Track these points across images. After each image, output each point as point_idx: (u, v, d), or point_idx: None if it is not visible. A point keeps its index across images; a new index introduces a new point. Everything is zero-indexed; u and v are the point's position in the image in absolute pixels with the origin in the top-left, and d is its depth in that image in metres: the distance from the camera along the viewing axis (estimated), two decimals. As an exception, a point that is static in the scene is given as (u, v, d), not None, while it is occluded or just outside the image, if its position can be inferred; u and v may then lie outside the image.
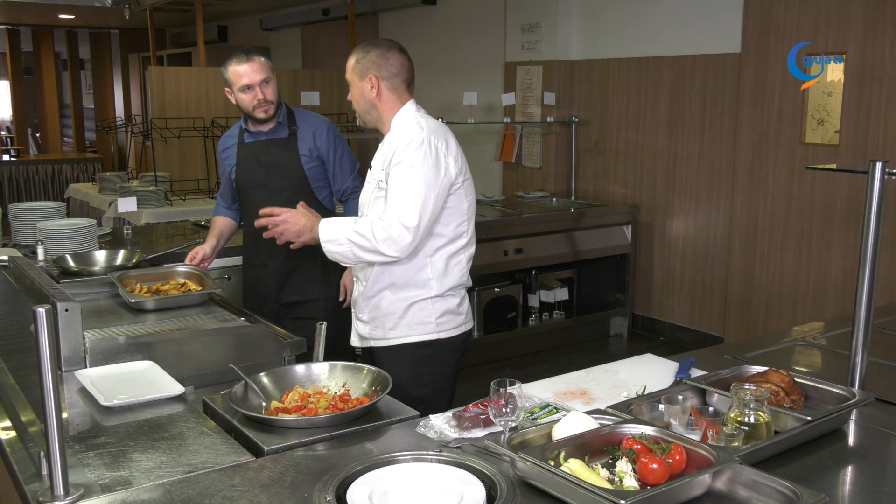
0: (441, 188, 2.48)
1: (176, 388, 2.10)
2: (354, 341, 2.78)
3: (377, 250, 2.44)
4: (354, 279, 2.77)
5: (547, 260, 5.57)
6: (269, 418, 1.90)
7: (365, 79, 2.57)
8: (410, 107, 2.62)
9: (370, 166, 2.72)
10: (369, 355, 2.73)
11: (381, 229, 2.43)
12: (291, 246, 2.62)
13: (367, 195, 2.68)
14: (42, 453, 1.61)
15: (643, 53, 5.90)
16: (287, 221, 2.57)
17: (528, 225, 5.48)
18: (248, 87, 3.21)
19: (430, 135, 2.51)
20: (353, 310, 2.78)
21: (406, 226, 2.41)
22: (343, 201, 3.45)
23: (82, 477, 1.65)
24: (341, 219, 2.56)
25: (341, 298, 3.38)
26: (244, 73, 3.20)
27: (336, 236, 2.50)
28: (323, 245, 2.53)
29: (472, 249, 2.65)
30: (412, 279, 2.56)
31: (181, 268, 3.25)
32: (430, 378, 2.60)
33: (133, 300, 2.86)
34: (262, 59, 3.24)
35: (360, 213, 2.74)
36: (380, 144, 2.69)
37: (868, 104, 4.59)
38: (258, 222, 2.62)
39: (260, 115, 3.27)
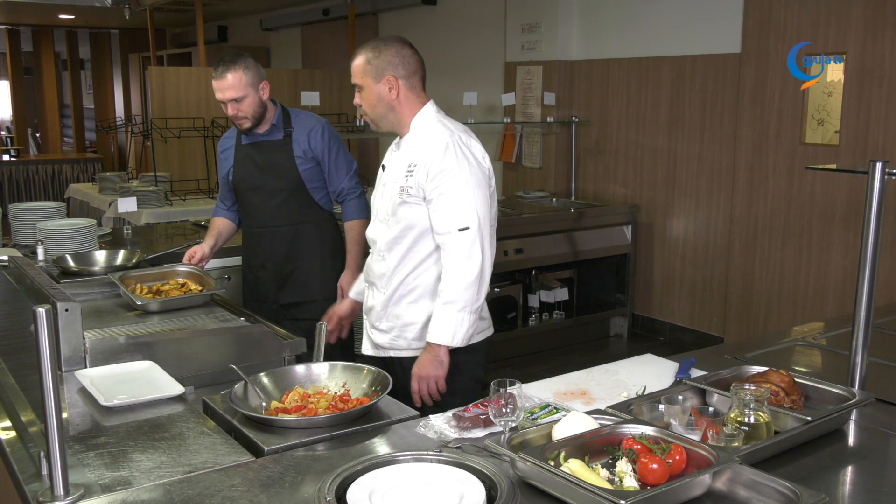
0: (485, 184, 2.43)
1: (176, 388, 2.10)
2: (367, 350, 2.67)
3: (478, 274, 2.36)
4: (370, 286, 2.65)
5: (547, 260, 5.57)
6: (269, 418, 1.90)
7: (382, 80, 2.42)
8: (431, 107, 2.51)
9: (382, 166, 2.61)
10: (387, 365, 2.54)
11: (452, 263, 2.36)
12: (441, 385, 2.43)
13: (386, 200, 2.54)
14: (42, 453, 1.61)
15: (643, 53, 5.90)
16: (426, 378, 2.41)
17: (528, 225, 5.48)
18: (221, 101, 3.21)
19: (460, 135, 2.43)
20: (366, 318, 2.67)
21: (467, 228, 2.35)
22: (340, 202, 3.44)
23: (82, 477, 1.65)
24: (434, 311, 2.41)
25: (338, 301, 3.37)
26: (217, 88, 3.18)
27: (448, 323, 2.36)
28: (455, 343, 2.37)
29: (492, 252, 2.56)
30: (433, 287, 2.48)
31: (181, 267, 3.25)
32: (459, 386, 2.49)
33: (139, 302, 2.86)
34: (241, 71, 3.14)
35: (373, 217, 2.63)
36: (395, 145, 2.57)
37: (868, 104, 4.59)
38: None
39: (238, 124, 3.27)
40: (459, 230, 2.36)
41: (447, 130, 2.43)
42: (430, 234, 2.45)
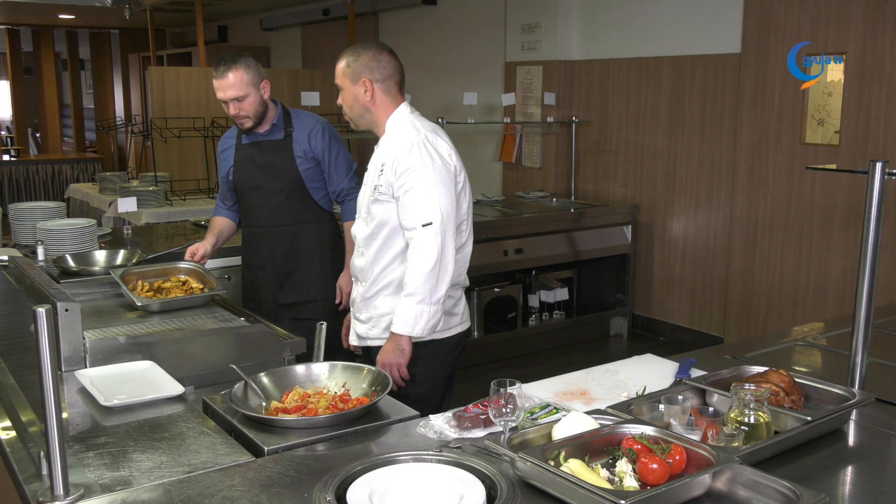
0: (451, 181, 2.51)
1: (176, 388, 2.10)
2: (353, 340, 2.79)
3: (434, 266, 2.42)
4: (354, 280, 2.77)
5: (547, 260, 5.57)
6: (269, 418, 1.90)
7: (358, 82, 2.57)
8: (404, 108, 2.63)
9: (367, 166, 2.72)
10: (367, 354, 2.74)
11: (414, 257, 2.44)
12: (403, 371, 2.51)
13: (364, 198, 2.69)
14: (42, 453, 1.61)
15: (643, 53, 5.90)
16: (387, 365, 2.49)
17: (528, 225, 5.48)
18: (223, 101, 3.20)
19: (426, 134, 2.53)
20: (351, 309, 2.79)
21: (430, 224, 2.43)
22: (340, 202, 3.45)
23: (82, 477, 1.65)
24: (398, 303, 2.49)
25: (337, 301, 3.38)
26: (218, 87, 3.18)
27: (409, 315, 2.44)
28: (414, 334, 2.46)
29: (468, 249, 2.66)
30: None
31: (182, 264, 3.24)
32: (422, 378, 2.60)
33: (140, 303, 2.86)
34: (243, 70, 3.15)
35: (357, 215, 2.75)
36: (375, 147, 2.70)
37: (868, 104, 4.59)
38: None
39: (239, 124, 3.27)
40: (423, 226, 2.45)
41: (414, 130, 2.54)
42: (401, 231, 2.55)
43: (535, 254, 5.47)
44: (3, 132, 15.58)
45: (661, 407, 1.89)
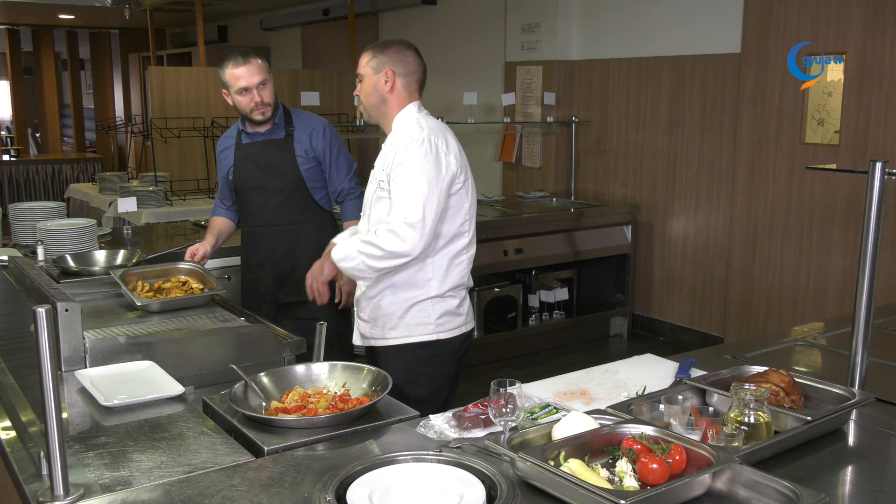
0: (443, 185, 2.49)
1: (176, 388, 2.10)
2: (356, 340, 2.78)
3: (386, 252, 2.42)
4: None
5: (547, 260, 5.57)
6: (269, 418, 1.90)
7: (380, 72, 2.58)
8: (413, 107, 2.63)
9: (374, 165, 2.73)
10: (371, 354, 2.74)
11: (384, 232, 2.43)
12: (318, 286, 2.70)
13: (369, 195, 2.70)
14: (42, 453, 1.61)
15: (643, 53, 5.90)
16: (310, 274, 2.67)
17: (528, 225, 5.48)
18: (245, 90, 3.20)
19: (430, 134, 2.52)
20: (355, 308, 2.78)
21: (410, 222, 2.41)
22: (340, 202, 3.45)
23: (82, 477, 1.65)
24: (353, 237, 2.59)
25: (336, 300, 3.37)
26: (241, 75, 3.19)
27: (347, 252, 2.52)
28: (338, 265, 2.56)
29: (473, 250, 2.66)
30: (412, 279, 2.56)
31: (182, 265, 3.24)
32: (427, 378, 2.60)
33: (140, 303, 2.86)
34: (260, 60, 3.23)
35: (363, 212, 2.75)
36: (382, 144, 2.70)
37: (868, 104, 4.59)
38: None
39: (257, 116, 3.27)
40: (405, 222, 2.43)
41: (418, 128, 2.54)
42: None
43: (535, 254, 5.47)
44: (3, 132, 15.58)
45: (661, 407, 1.90)
